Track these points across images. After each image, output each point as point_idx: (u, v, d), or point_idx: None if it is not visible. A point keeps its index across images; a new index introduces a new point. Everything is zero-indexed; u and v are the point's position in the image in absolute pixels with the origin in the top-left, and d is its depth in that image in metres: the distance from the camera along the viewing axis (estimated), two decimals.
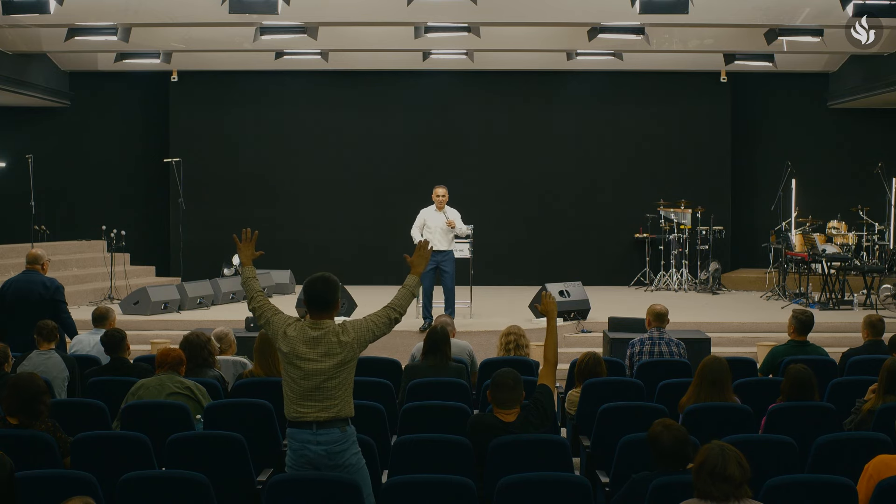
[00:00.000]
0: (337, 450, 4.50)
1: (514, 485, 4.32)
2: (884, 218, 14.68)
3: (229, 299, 13.34)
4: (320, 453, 4.48)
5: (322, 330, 4.53)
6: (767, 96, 16.45)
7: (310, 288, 4.62)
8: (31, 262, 8.14)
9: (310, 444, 4.49)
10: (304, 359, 4.49)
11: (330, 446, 4.49)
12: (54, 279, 8.16)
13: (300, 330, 4.55)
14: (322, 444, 4.48)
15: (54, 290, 7.96)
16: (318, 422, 4.48)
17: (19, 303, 7.89)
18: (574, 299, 11.60)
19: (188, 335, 6.47)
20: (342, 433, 4.52)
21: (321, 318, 4.57)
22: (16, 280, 8.15)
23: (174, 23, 12.83)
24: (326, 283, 4.61)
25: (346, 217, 16.18)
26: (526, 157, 16.25)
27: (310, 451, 4.49)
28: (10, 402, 4.94)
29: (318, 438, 4.48)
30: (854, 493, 4.26)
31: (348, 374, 4.56)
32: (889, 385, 5.51)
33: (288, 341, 4.54)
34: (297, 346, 4.51)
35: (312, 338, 4.51)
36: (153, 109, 16.53)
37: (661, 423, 4.31)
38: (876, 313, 9.23)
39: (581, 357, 6.66)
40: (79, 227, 15.65)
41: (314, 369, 4.48)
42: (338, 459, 4.51)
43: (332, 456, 4.50)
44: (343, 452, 4.52)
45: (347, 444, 4.54)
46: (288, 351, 4.53)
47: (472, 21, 12.27)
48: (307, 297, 4.63)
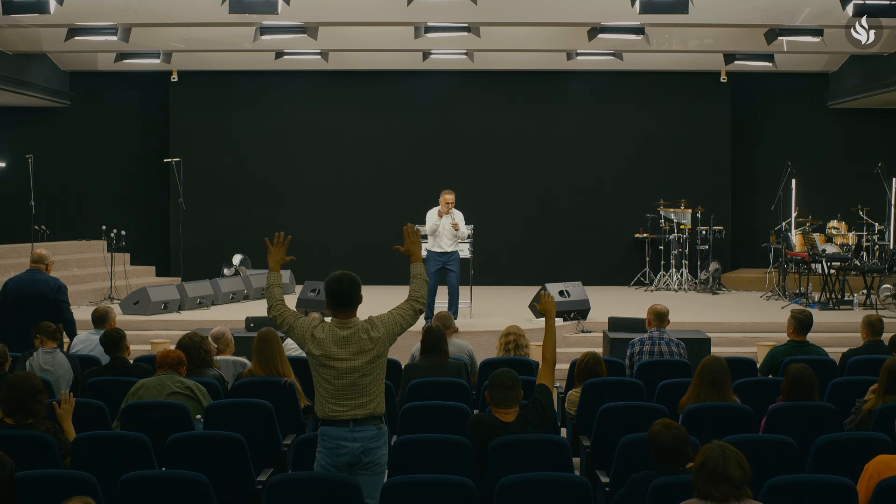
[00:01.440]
0: (372, 446, 4.56)
1: (514, 485, 4.32)
2: (884, 218, 14.68)
3: (229, 299, 13.33)
4: (356, 450, 4.52)
5: (351, 328, 4.56)
6: (767, 96, 16.45)
7: (335, 287, 4.61)
8: (36, 261, 8.15)
9: (346, 440, 4.51)
10: (336, 359, 4.52)
11: (366, 442, 4.53)
12: (58, 279, 8.17)
13: (329, 331, 4.57)
14: (359, 440, 4.52)
15: (57, 290, 7.98)
16: (356, 419, 4.51)
17: (22, 301, 7.89)
18: (574, 299, 11.60)
19: (183, 338, 6.48)
20: (378, 430, 4.58)
21: (348, 316, 4.60)
22: (19, 279, 8.16)
23: (174, 23, 12.82)
24: (351, 280, 4.64)
25: (346, 217, 16.18)
26: (526, 157, 16.25)
27: (346, 447, 4.51)
28: (7, 402, 4.95)
29: (354, 435, 4.52)
30: (854, 493, 4.26)
31: (381, 369, 4.61)
32: (889, 385, 5.51)
33: (318, 344, 4.54)
34: (328, 347, 4.53)
35: (343, 337, 4.54)
36: (153, 109, 16.52)
37: (660, 422, 4.31)
38: (875, 313, 9.23)
39: (581, 357, 6.66)
40: (79, 227, 15.64)
41: (348, 367, 4.51)
42: (372, 456, 4.56)
43: (368, 452, 4.54)
44: (377, 449, 4.58)
45: (382, 440, 4.61)
46: (320, 354, 4.54)
47: (472, 21, 12.27)
48: (332, 296, 4.62)
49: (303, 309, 11.53)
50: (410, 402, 5.90)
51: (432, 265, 10.89)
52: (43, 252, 8.26)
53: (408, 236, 4.82)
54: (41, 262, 8.14)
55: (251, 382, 6.28)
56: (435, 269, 10.88)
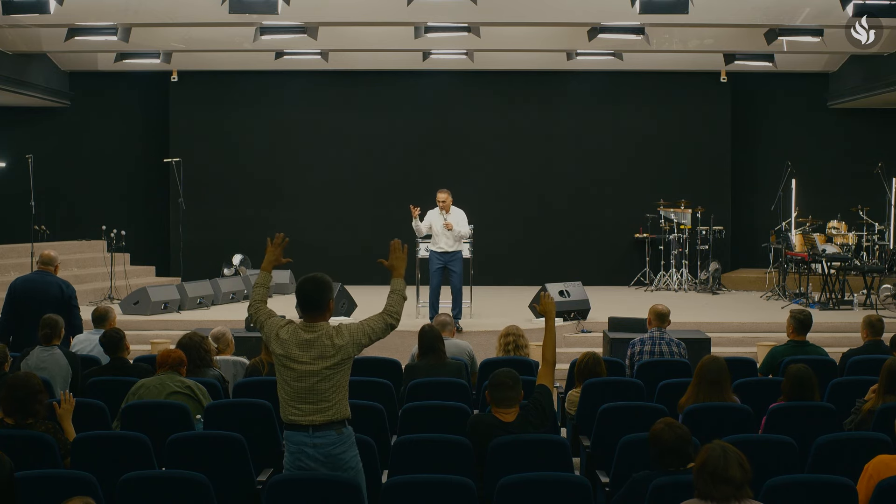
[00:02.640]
0: (335, 452, 4.47)
1: (514, 485, 4.32)
2: (884, 218, 14.68)
3: (229, 299, 13.33)
4: (317, 456, 4.45)
5: (315, 332, 4.48)
6: (767, 96, 16.45)
7: (300, 289, 4.57)
8: (45, 262, 8.17)
9: (306, 446, 4.46)
10: (296, 361, 4.45)
11: (327, 448, 4.46)
12: (68, 282, 8.22)
13: (293, 332, 4.51)
14: (319, 446, 4.45)
15: (70, 293, 8.05)
16: (314, 425, 4.45)
17: (34, 302, 7.89)
18: (574, 299, 11.60)
19: (183, 338, 6.48)
20: (339, 435, 4.48)
21: (314, 319, 4.52)
22: (29, 279, 8.16)
23: (174, 23, 12.82)
24: (316, 283, 4.54)
25: (346, 217, 16.18)
26: (526, 157, 16.25)
27: (307, 453, 4.46)
28: (7, 402, 4.95)
29: (314, 441, 4.45)
30: (854, 493, 4.26)
31: (343, 376, 4.51)
32: (889, 385, 5.51)
33: (281, 343, 4.50)
34: (290, 348, 4.47)
35: (305, 340, 4.47)
36: (153, 109, 16.52)
37: (663, 421, 4.31)
38: (875, 313, 9.23)
39: (581, 357, 6.66)
40: (79, 227, 15.64)
41: (307, 371, 4.44)
42: (336, 462, 4.48)
43: (330, 458, 4.47)
44: (341, 455, 4.49)
45: (345, 446, 4.51)
46: (281, 353, 4.49)
47: (472, 21, 12.27)
48: (298, 298, 4.62)
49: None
50: (410, 402, 5.90)
51: (433, 265, 10.87)
52: (52, 253, 8.28)
53: (393, 251, 4.72)
54: (50, 263, 8.15)
55: (251, 382, 6.29)
56: (436, 269, 10.84)
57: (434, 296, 10.87)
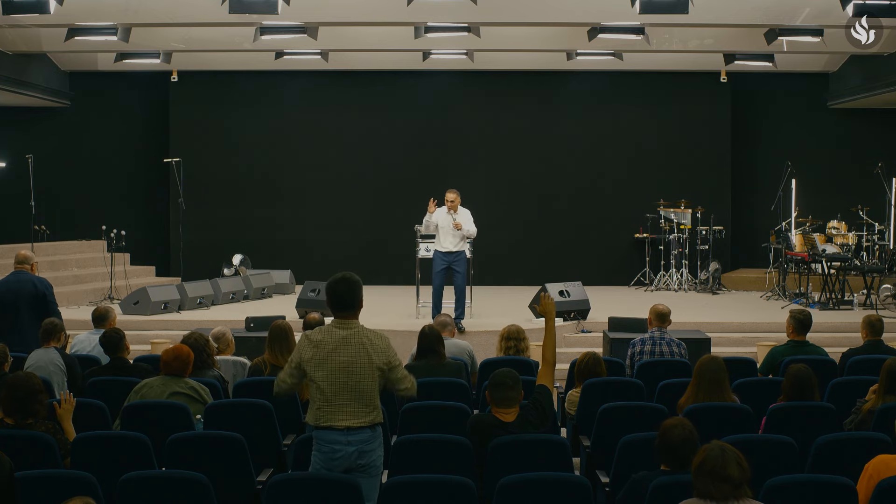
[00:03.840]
0: (367, 448, 4.56)
1: (514, 485, 4.32)
2: (884, 218, 14.67)
3: (229, 299, 13.33)
4: (351, 453, 4.52)
5: (350, 329, 4.59)
6: (767, 96, 16.44)
7: (333, 290, 4.65)
8: (21, 262, 8.17)
9: (340, 443, 4.51)
10: (334, 355, 4.53)
11: (361, 445, 4.54)
12: (44, 279, 8.22)
13: (327, 331, 4.59)
14: (353, 443, 4.53)
15: (44, 289, 8.00)
16: (351, 428, 4.52)
17: (11, 303, 7.90)
18: (574, 299, 11.60)
19: (187, 337, 6.46)
20: (373, 431, 4.59)
21: (347, 318, 4.62)
22: (5, 281, 8.17)
23: (174, 23, 12.82)
24: (348, 283, 4.65)
25: (346, 217, 16.18)
26: (526, 157, 16.25)
27: (340, 451, 4.51)
28: (7, 402, 4.95)
29: (349, 438, 4.52)
30: (854, 493, 4.26)
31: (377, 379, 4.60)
32: (889, 385, 5.51)
33: (315, 344, 4.56)
34: (326, 345, 4.55)
35: (342, 337, 4.57)
36: (153, 109, 16.52)
37: (677, 419, 4.32)
38: (875, 313, 9.22)
39: (581, 357, 6.66)
40: (79, 227, 15.63)
41: (345, 364, 4.51)
42: (367, 458, 4.56)
43: (363, 455, 4.55)
44: (373, 451, 4.58)
45: (377, 443, 4.60)
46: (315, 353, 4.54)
47: (472, 21, 12.27)
48: (330, 298, 4.67)
49: (302, 309, 11.52)
50: (410, 402, 5.89)
51: (437, 265, 10.86)
52: (27, 253, 8.30)
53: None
54: (26, 262, 8.15)
55: (251, 382, 6.29)
56: (440, 269, 10.81)
57: (437, 296, 10.86)
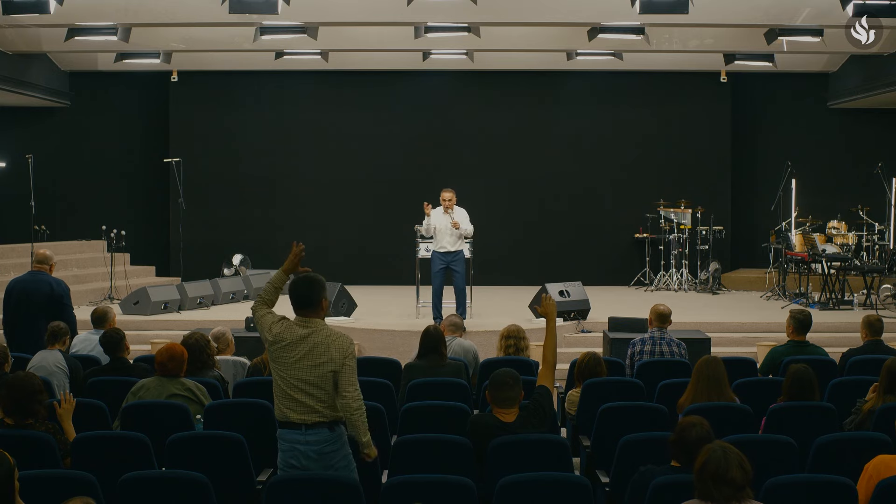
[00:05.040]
0: (326, 450, 4.52)
1: (514, 485, 4.32)
2: (884, 218, 14.68)
3: (229, 299, 13.33)
4: (309, 453, 4.49)
5: (310, 328, 4.58)
6: (767, 96, 16.44)
7: (292, 288, 4.70)
8: (40, 262, 8.12)
9: (298, 443, 4.50)
10: (289, 352, 4.54)
11: (320, 446, 4.50)
12: (62, 281, 8.15)
13: (287, 327, 4.61)
14: (311, 443, 4.50)
15: (61, 292, 7.96)
16: (307, 423, 4.50)
17: (26, 303, 7.88)
18: (574, 299, 11.60)
19: (188, 338, 6.46)
20: (331, 433, 4.54)
21: (307, 315, 4.63)
22: (22, 280, 8.14)
23: (174, 23, 12.82)
24: (308, 281, 4.68)
25: (346, 217, 16.17)
26: (526, 157, 16.25)
27: (299, 451, 4.50)
28: (6, 403, 4.95)
29: (307, 438, 4.50)
30: (854, 493, 4.26)
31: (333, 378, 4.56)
32: (889, 385, 5.51)
33: (274, 336, 4.60)
34: (283, 340, 4.57)
35: (300, 335, 4.57)
36: (153, 109, 16.52)
37: (696, 417, 4.31)
38: (875, 313, 9.23)
39: (581, 357, 6.66)
40: (79, 227, 15.64)
41: (298, 361, 4.52)
42: (327, 461, 4.52)
43: (322, 457, 4.51)
44: (333, 454, 4.53)
45: (338, 444, 4.55)
46: (273, 344, 4.58)
47: (472, 21, 12.27)
48: (290, 296, 4.71)
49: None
50: (410, 402, 5.90)
51: (436, 265, 10.86)
52: (47, 252, 8.23)
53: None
54: (45, 262, 8.11)
55: (251, 382, 6.29)
56: (438, 269, 10.83)
57: (437, 297, 10.87)
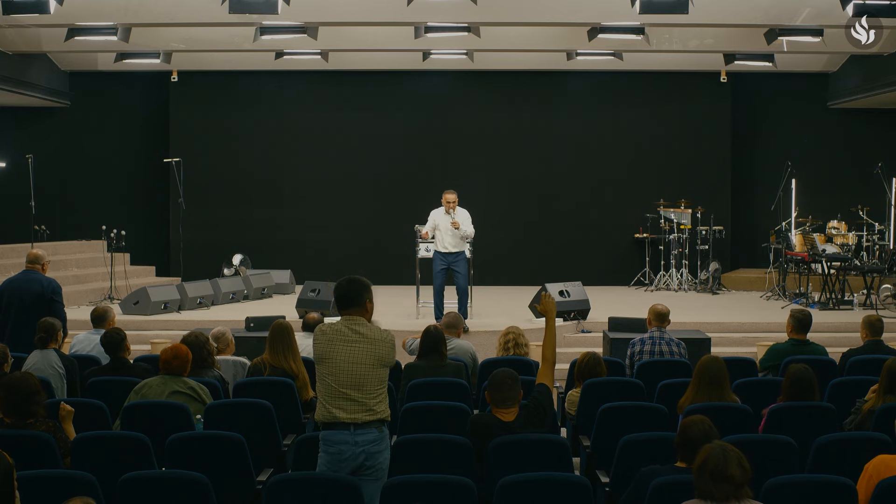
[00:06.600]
0: (374, 450, 4.54)
1: (514, 485, 4.32)
2: (884, 218, 14.68)
3: (229, 299, 13.32)
4: (357, 454, 4.50)
5: (355, 326, 4.61)
6: (767, 96, 16.44)
7: (336, 288, 4.73)
8: (32, 261, 8.13)
9: (347, 444, 4.50)
10: (341, 350, 4.54)
11: (368, 446, 4.52)
12: (52, 279, 8.16)
13: (334, 327, 4.64)
14: (360, 444, 4.50)
15: (52, 290, 7.97)
16: (356, 423, 4.50)
17: (18, 302, 7.90)
18: (574, 299, 11.60)
19: (187, 336, 6.46)
20: (379, 433, 4.57)
21: (351, 314, 4.65)
22: (14, 279, 8.16)
23: (174, 23, 12.82)
24: (350, 281, 4.71)
25: (347, 217, 16.18)
26: (526, 157, 16.25)
27: (346, 452, 4.50)
28: (5, 403, 4.94)
29: (356, 439, 4.50)
30: (854, 493, 4.26)
31: (384, 374, 4.62)
32: (889, 385, 5.51)
33: (324, 335, 4.60)
34: (334, 340, 4.57)
35: (346, 333, 4.59)
36: (153, 109, 16.52)
37: (698, 416, 4.32)
38: (875, 313, 9.23)
39: (581, 357, 6.66)
40: (79, 227, 15.64)
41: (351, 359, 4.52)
42: (374, 460, 4.54)
43: (370, 457, 4.52)
44: (379, 454, 4.56)
45: (383, 444, 4.58)
46: (325, 345, 4.58)
47: (472, 21, 12.27)
48: (335, 297, 4.75)
49: (302, 309, 11.52)
50: (410, 402, 5.90)
51: (437, 265, 10.86)
52: (39, 252, 8.25)
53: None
54: (37, 262, 8.12)
55: (252, 382, 6.29)
56: (440, 269, 10.82)
57: (438, 297, 10.87)
